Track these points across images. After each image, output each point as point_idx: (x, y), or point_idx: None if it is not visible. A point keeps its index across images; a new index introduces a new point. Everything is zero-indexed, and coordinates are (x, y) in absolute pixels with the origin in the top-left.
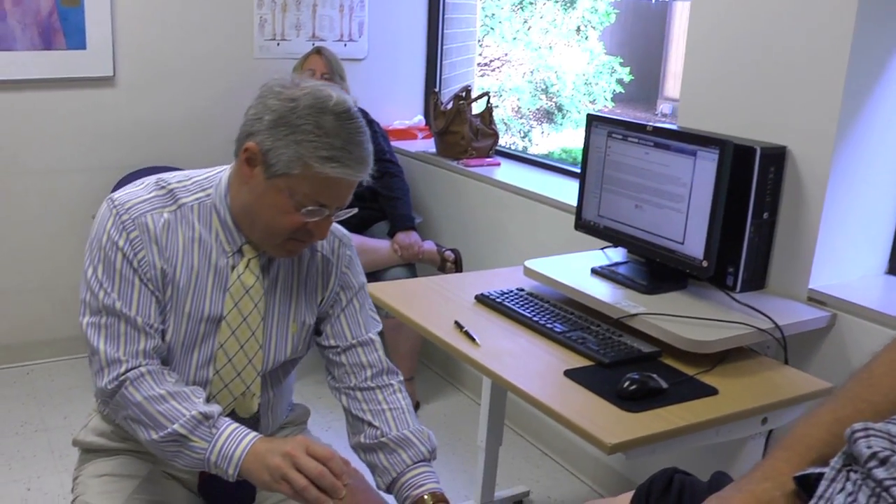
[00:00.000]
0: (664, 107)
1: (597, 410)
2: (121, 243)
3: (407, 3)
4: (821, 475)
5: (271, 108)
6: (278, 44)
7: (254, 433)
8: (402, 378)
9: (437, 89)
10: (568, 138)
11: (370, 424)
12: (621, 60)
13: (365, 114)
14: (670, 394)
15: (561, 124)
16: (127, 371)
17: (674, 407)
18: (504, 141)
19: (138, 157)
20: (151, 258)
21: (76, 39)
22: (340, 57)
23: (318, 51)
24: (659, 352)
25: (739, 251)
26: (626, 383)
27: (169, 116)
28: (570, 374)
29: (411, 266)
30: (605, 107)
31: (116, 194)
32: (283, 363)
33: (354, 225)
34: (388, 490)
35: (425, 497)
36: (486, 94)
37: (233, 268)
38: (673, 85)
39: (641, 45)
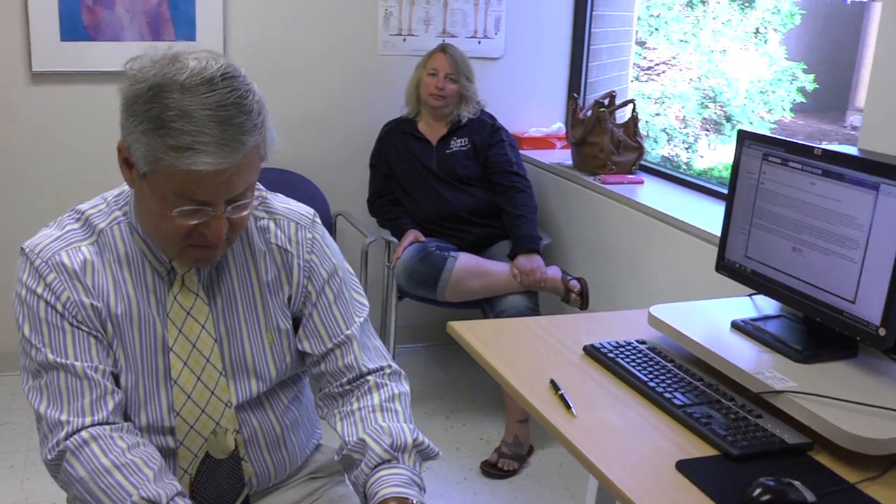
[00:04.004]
0: (854, 119)
1: None
2: (39, 290)
3: None
4: None
5: (122, 92)
6: (404, 39)
7: None
8: (388, 371)
9: (576, 94)
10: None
11: (340, 437)
12: (805, 66)
13: (492, 119)
14: None
15: (729, 136)
16: (67, 437)
17: None
18: (666, 152)
19: None
20: (76, 297)
21: (186, 30)
22: (473, 55)
23: (444, 48)
24: (810, 443)
25: None
26: (758, 491)
27: (283, 116)
28: (683, 466)
29: (533, 294)
30: (783, 117)
31: (28, 241)
32: (271, 386)
33: (472, 244)
34: None
35: None
36: (632, 101)
37: (170, 288)
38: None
39: (830, 49)
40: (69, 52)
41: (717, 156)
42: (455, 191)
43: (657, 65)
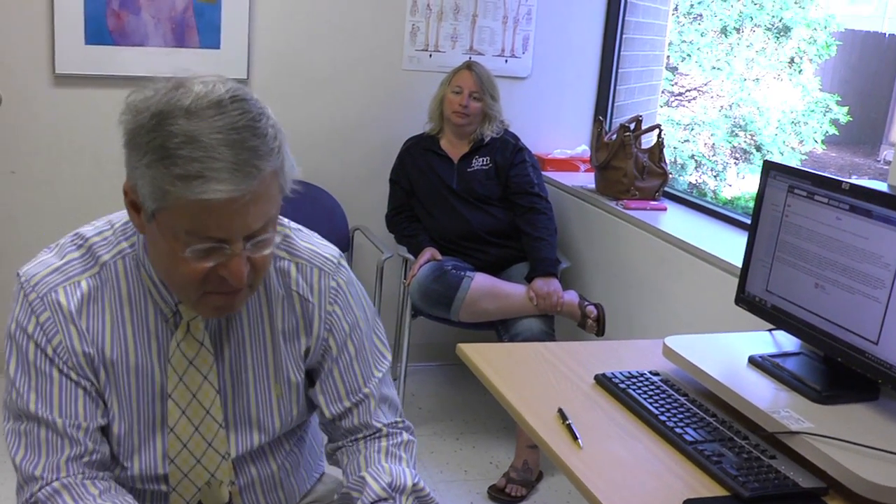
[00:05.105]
0: (888, 153)
1: None
2: (30, 330)
3: (581, 19)
4: None
5: (124, 126)
6: (430, 55)
7: None
8: (400, 425)
9: (601, 117)
10: None
11: (343, 475)
12: (839, 98)
13: (515, 139)
14: None
15: (758, 165)
16: (41, 489)
17: None
18: (694, 179)
19: None
20: (69, 343)
21: (210, 38)
22: (500, 74)
23: (469, 66)
24: (825, 488)
25: None
26: None
27: (304, 128)
28: None
29: (548, 318)
30: (814, 149)
31: (25, 267)
32: (274, 437)
33: (490, 264)
34: None
35: None
36: (658, 126)
37: (173, 333)
38: None
39: (866, 82)
40: (93, 55)
41: (744, 185)
42: (474, 210)
43: (688, 91)
